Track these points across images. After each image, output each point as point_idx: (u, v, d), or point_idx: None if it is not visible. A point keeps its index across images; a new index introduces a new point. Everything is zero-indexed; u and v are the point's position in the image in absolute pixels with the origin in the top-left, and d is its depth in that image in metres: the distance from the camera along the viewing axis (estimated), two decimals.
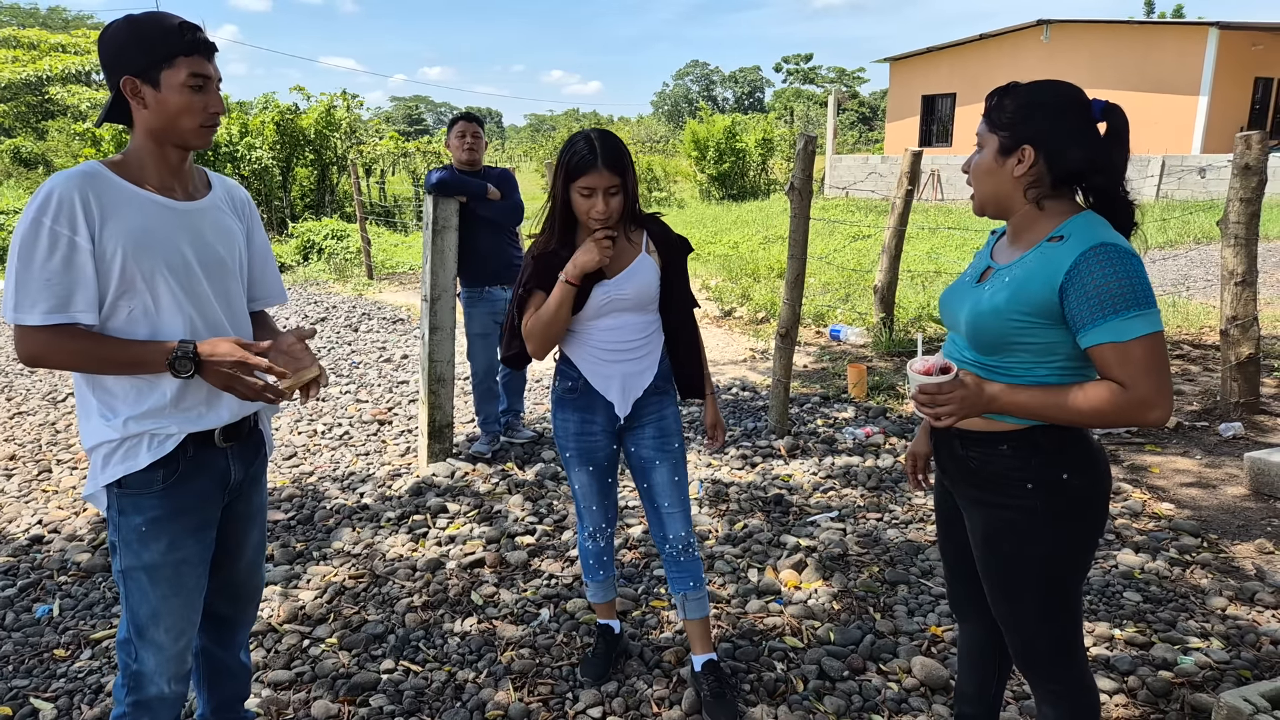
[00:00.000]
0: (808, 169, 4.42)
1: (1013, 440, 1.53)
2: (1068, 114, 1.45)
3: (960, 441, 1.61)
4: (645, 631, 2.72)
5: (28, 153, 25.17)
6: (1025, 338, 1.47)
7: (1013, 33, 19.06)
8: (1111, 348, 1.39)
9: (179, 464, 1.68)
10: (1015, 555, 1.57)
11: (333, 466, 4.37)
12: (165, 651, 1.73)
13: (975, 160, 1.54)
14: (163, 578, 1.69)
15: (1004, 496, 1.56)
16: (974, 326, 1.53)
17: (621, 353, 2.18)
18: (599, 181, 1.99)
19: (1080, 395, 1.42)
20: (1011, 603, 1.62)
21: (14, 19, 32.06)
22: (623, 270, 2.14)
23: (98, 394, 1.65)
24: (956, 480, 1.66)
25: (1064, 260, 1.41)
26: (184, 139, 1.64)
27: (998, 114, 1.49)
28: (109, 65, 1.60)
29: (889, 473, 4.00)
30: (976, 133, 1.55)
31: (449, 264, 4.11)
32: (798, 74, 69.85)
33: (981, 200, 1.56)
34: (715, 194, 21.45)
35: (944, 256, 10.86)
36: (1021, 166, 1.47)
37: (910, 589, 2.93)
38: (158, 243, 1.62)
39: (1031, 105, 1.46)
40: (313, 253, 13.04)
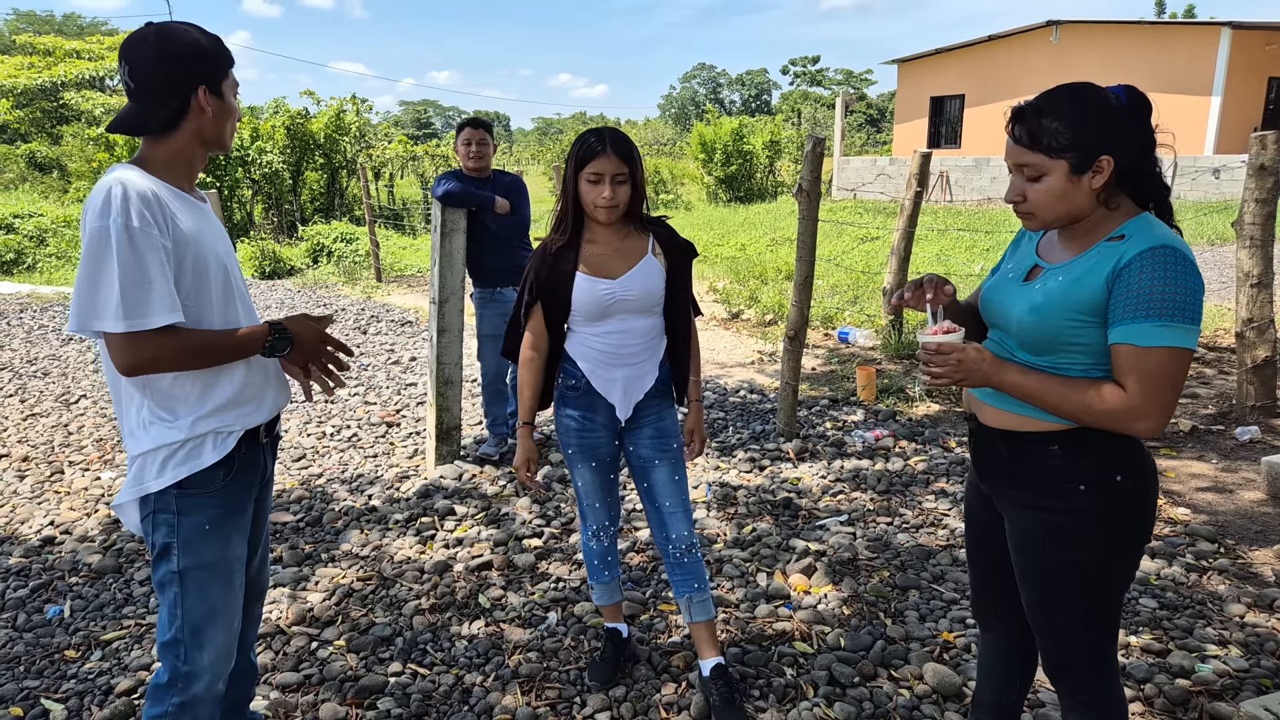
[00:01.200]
0: (816, 171, 4.40)
1: (1064, 440, 1.49)
2: (1115, 112, 1.41)
3: (1006, 443, 1.56)
4: (653, 635, 2.70)
5: (43, 158, 25.39)
6: (1078, 338, 1.44)
7: (1022, 34, 18.96)
8: (1131, 349, 1.36)
9: (235, 461, 1.71)
10: (1062, 560, 1.53)
11: (341, 468, 4.37)
12: (221, 649, 1.75)
13: (1038, 189, 1.45)
14: (220, 575, 1.72)
15: (1053, 499, 1.51)
16: (1026, 326, 1.49)
17: (625, 355, 2.18)
18: (606, 166, 2.03)
19: (1081, 387, 1.41)
20: (1051, 610, 1.58)
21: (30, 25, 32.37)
22: (629, 270, 2.13)
23: (153, 397, 1.64)
24: (999, 483, 1.62)
25: (1122, 256, 1.38)
26: (226, 143, 1.73)
27: (1051, 138, 1.41)
28: (178, 76, 1.61)
29: (899, 476, 3.97)
30: (1023, 163, 1.46)
31: (457, 267, 4.11)
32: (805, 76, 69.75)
33: (1051, 220, 1.48)
34: (722, 196, 21.43)
35: (953, 258, 10.81)
36: (1100, 177, 1.42)
37: (922, 594, 2.90)
38: (207, 241, 1.68)
39: (1085, 117, 1.41)
40: (322, 255, 13.08)
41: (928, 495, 3.75)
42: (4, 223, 13.45)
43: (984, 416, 1.62)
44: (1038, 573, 1.57)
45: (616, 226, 2.15)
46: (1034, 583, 1.59)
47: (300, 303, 9.74)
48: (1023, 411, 1.52)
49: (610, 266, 2.13)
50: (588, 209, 2.09)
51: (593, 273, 2.13)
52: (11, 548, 3.48)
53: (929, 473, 4.00)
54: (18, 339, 7.72)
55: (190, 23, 1.67)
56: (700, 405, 2.36)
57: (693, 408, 2.35)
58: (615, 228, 2.15)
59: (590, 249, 2.15)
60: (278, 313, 9.06)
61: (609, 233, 2.15)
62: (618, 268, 2.13)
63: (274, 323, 1.70)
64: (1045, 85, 1.48)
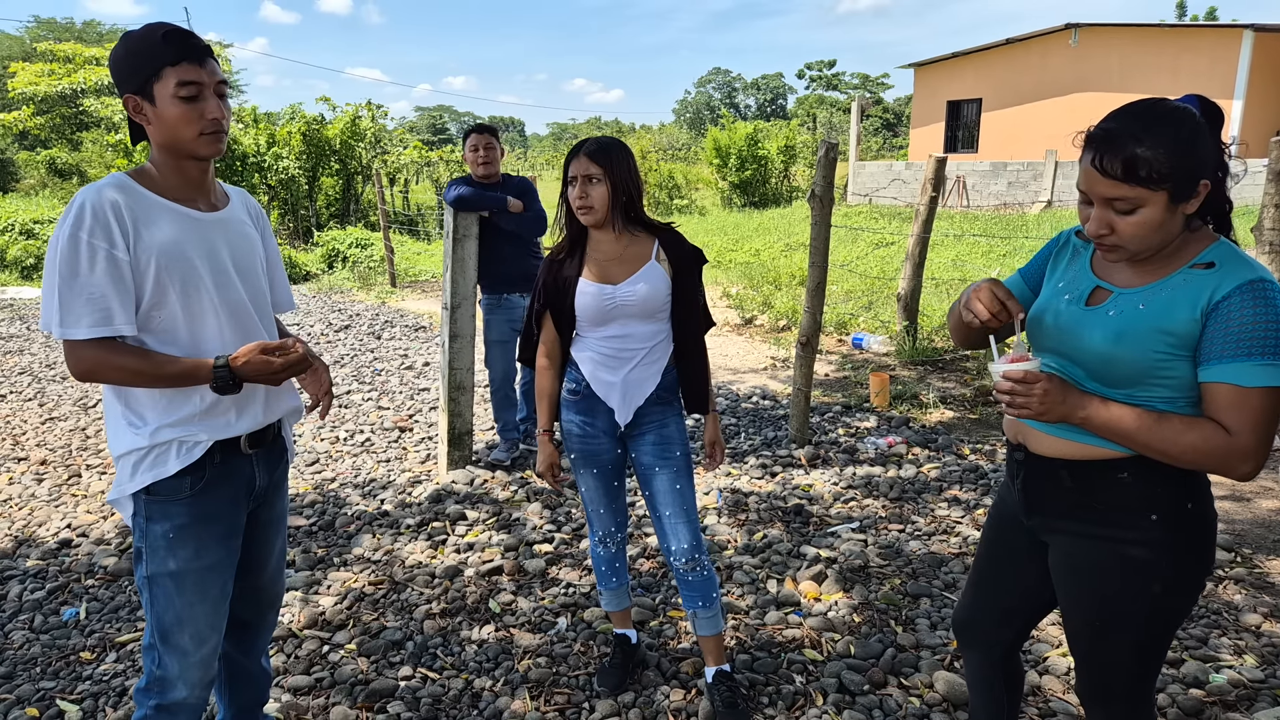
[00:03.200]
0: (829, 176, 4.40)
1: (1133, 467, 1.41)
2: (1204, 133, 1.32)
3: (1069, 473, 1.48)
4: (663, 641, 2.70)
5: (63, 163, 25.76)
6: (1164, 370, 1.36)
7: (1040, 37, 18.84)
8: (1232, 389, 1.29)
9: (206, 471, 1.70)
10: (1126, 593, 1.46)
11: (354, 473, 4.40)
12: (190, 658, 1.73)
13: (1132, 222, 1.32)
14: (188, 584, 1.70)
15: (1121, 529, 1.44)
16: (1105, 356, 1.39)
17: (625, 360, 2.18)
18: (578, 168, 2.10)
19: (1181, 428, 1.32)
20: (1102, 642, 1.51)
21: (50, 33, 32.86)
22: (630, 276, 2.14)
23: (126, 403, 1.66)
24: (1056, 514, 1.53)
25: (1216, 288, 1.31)
26: (188, 150, 1.62)
27: (1149, 169, 1.28)
28: (118, 86, 1.62)
29: (911, 483, 3.95)
30: (1115, 197, 1.32)
31: (469, 272, 4.13)
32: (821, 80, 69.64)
33: (1142, 251, 1.37)
34: (737, 201, 21.41)
35: (969, 264, 10.74)
36: (1196, 201, 1.33)
37: (933, 602, 2.88)
38: (188, 253, 1.63)
39: (1183, 143, 1.29)
40: (337, 261, 13.19)
41: (940, 503, 3.72)
42: (25, 228, 13.66)
43: (1037, 445, 1.53)
44: (1098, 604, 1.49)
45: (618, 233, 2.16)
46: (1086, 614, 1.52)
47: (315, 308, 9.82)
48: (1086, 440, 1.44)
49: (612, 272, 2.15)
50: (576, 215, 2.13)
51: (595, 278, 2.14)
52: (29, 550, 3.53)
53: (942, 480, 3.98)
54: (37, 343, 7.83)
55: (155, 24, 1.60)
56: (716, 415, 2.36)
57: (710, 419, 2.35)
58: (616, 234, 2.16)
59: (593, 255, 2.17)
60: (293, 318, 9.14)
61: (610, 239, 2.16)
62: (619, 273, 2.15)
63: (217, 361, 1.63)
64: (1064, 89, 1.43)
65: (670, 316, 2.21)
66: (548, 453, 2.28)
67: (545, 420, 2.28)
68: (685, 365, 2.27)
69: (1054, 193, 17.20)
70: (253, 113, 19.52)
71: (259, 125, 17.41)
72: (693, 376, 2.28)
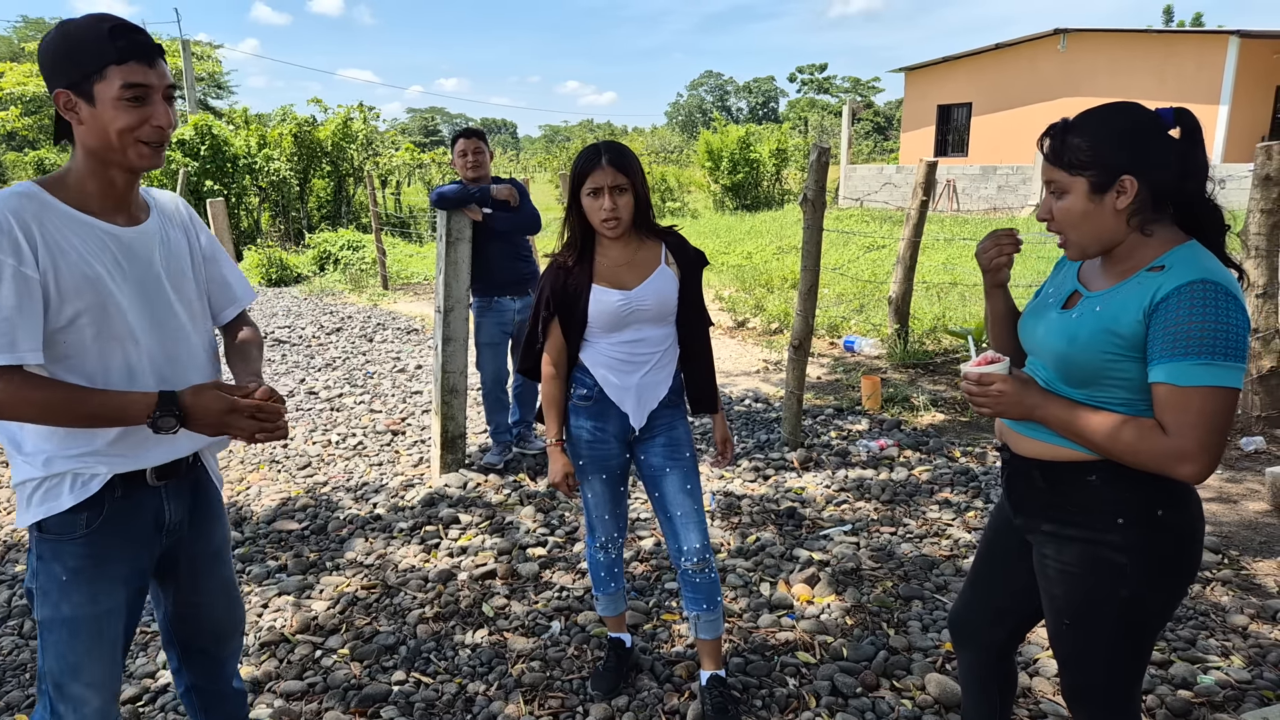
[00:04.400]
0: (821, 180, 4.42)
1: (1102, 470, 1.44)
2: (1148, 132, 1.37)
3: (1041, 473, 1.52)
4: (656, 645, 2.71)
5: (50, 165, 25.59)
6: (1116, 372, 1.39)
7: (1029, 42, 18.98)
8: (1169, 389, 1.31)
9: (104, 506, 1.51)
10: (1095, 595, 1.48)
11: (346, 476, 4.39)
12: (86, 707, 1.55)
13: (1060, 207, 1.43)
14: (85, 631, 1.52)
15: (1090, 531, 1.46)
16: (1065, 358, 1.44)
17: (639, 364, 2.19)
18: (603, 179, 2.04)
19: (1121, 426, 1.35)
20: (1079, 642, 1.53)
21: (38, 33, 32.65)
22: (643, 281, 2.15)
23: (23, 428, 1.48)
24: (1033, 514, 1.57)
25: (1159, 289, 1.33)
26: (123, 160, 1.45)
27: (1072, 154, 1.39)
28: (47, 80, 1.43)
29: (903, 486, 3.97)
30: (1047, 179, 1.45)
31: (463, 276, 4.13)
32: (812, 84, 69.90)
33: (1082, 244, 1.44)
34: (729, 204, 21.46)
35: (959, 267, 10.80)
36: (1124, 198, 1.37)
37: (925, 604, 2.90)
38: (102, 273, 1.45)
39: (1112, 135, 1.37)
40: (329, 263, 13.15)
41: (932, 505, 3.75)
42: None
43: (1017, 446, 1.57)
44: (1070, 607, 1.52)
45: (627, 238, 2.16)
46: (1063, 616, 1.54)
47: (307, 310, 9.79)
48: (1058, 441, 1.47)
49: (624, 278, 2.15)
50: (593, 224, 2.11)
51: (607, 285, 2.14)
52: (17, 555, 3.50)
53: (933, 482, 4.00)
54: None
55: (99, 14, 1.43)
56: (724, 415, 2.37)
57: (718, 418, 2.37)
58: (626, 239, 2.16)
59: (603, 261, 2.16)
60: (284, 320, 9.11)
61: (619, 244, 2.17)
62: (631, 279, 2.15)
63: (164, 397, 1.45)
64: (1053, 93, 1.47)
65: (677, 319, 2.22)
66: (561, 463, 2.26)
67: (555, 430, 2.26)
68: (693, 366, 2.29)
69: (1043, 196, 17.30)
70: (244, 114, 19.45)
71: (250, 127, 17.35)
72: (700, 377, 2.30)
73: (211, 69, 30.22)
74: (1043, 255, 10.85)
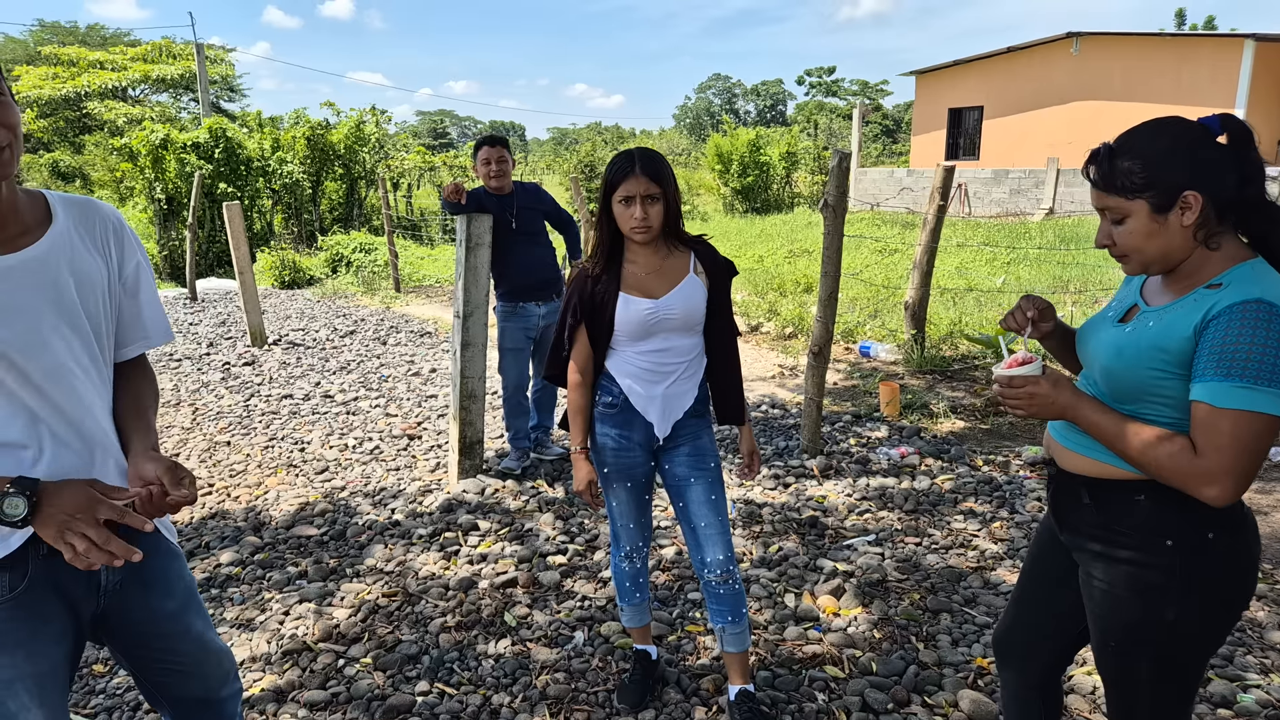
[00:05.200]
0: (842, 186, 4.38)
1: (1150, 490, 1.40)
2: (1199, 144, 1.34)
3: (1088, 491, 1.48)
4: (681, 657, 2.68)
5: (65, 166, 25.78)
6: (1161, 389, 1.36)
7: (1042, 45, 18.90)
8: (1206, 409, 1.28)
9: (29, 565, 1.31)
10: (1140, 618, 1.44)
11: (364, 481, 4.37)
12: None
13: (1122, 232, 1.39)
14: (19, 692, 1.33)
15: (1137, 552, 1.43)
16: (1111, 372, 1.42)
17: (665, 374, 2.17)
18: (635, 188, 2.02)
19: (1154, 440, 1.32)
20: (1124, 665, 1.50)
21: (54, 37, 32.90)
22: (672, 290, 2.12)
23: None
24: (1079, 532, 1.53)
25: (1213, 306, 1.30)
26: None
27: (1126, 178, 1.36)
28: None
29: (926, 495, 3.92)
30: (1101, 207, 1.42)
31: (482, 281, 4.11)
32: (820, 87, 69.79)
33: (1146, 262, 1.41)
34: (739, 207, 21.43)
35: (973, 271, 10.74)
36: (1190, 214, 1.33)
37: (953, 618, 2.86)
38: None
39: (1164, 152, 1.34)
40: (341, 265, 13.18)
41: (956, 515, 3.70)
42: None
43: (1063, 461, 1.54)
44: (1114, 627, 1.49)
45: (656, 246, 2.14)
46: (1109, 636, 1.50)
47: (320, 312, 9.80)
48: (1106, 459, 1.44)
49: (651, 286, 2.13)
50: (624, 231, 2.09)
51: (634, 293, 2.12)
52: None
53: (956, 492, 3.96)
54: None
55: None
56: (750, 425, 2.34)
57: (745, 430, 2.34)
58: (655, 247, 2.14)
59: (631, 269, 2.14)
60: (298, 323, 9.11)
61: (648, 252, 2.14)
62: (659, 287, 2.13)
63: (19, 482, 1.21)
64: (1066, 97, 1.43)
65: (705, 328, 2.20)
66: (585, 470, 2.23)
67: (580, 437, 2.23)
68: (721, 376, 2.26)
69: (1056, 200, 17.22)
70: (257, 117, 19.52)
71: (263, 130, 17.42)
72: (728, 387, 2.27)
73: (224, 72, 30.39)
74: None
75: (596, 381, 2.24)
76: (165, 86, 29.08)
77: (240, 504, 4.15)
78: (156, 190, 14.54)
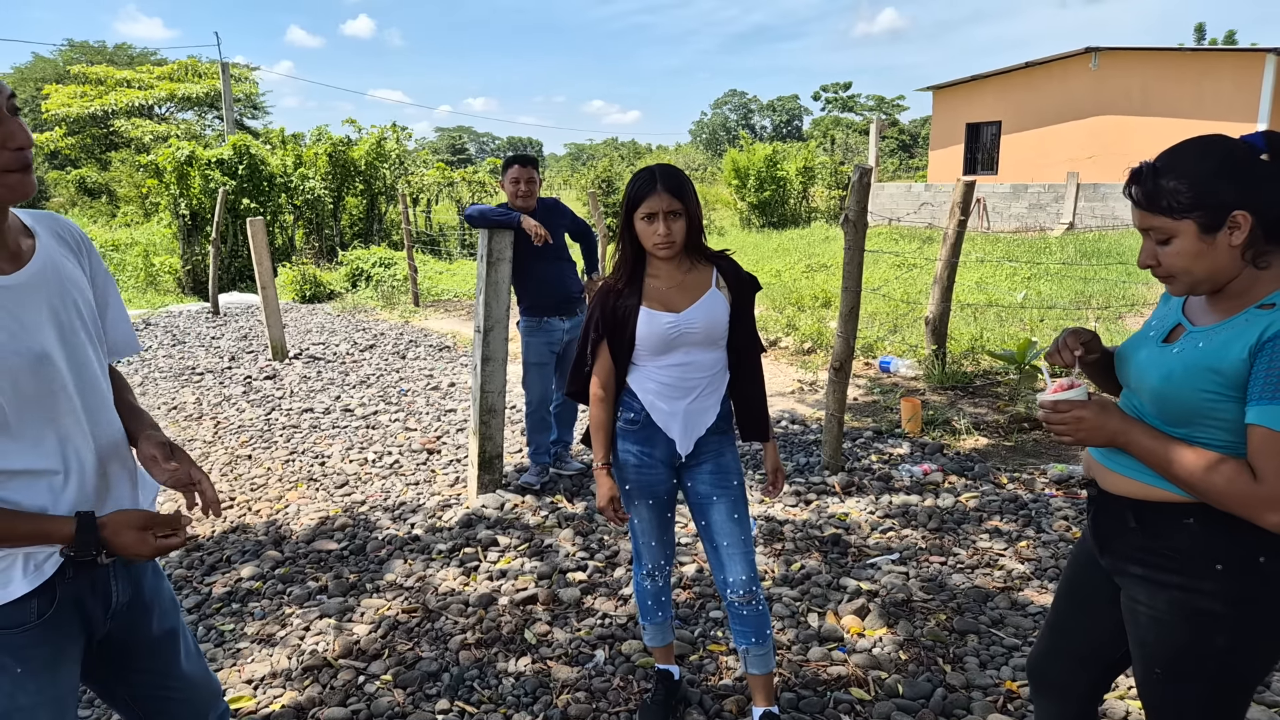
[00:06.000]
0: (863, 201, 4.36)
1: (1200, 513, 1.37)
2: (1246, 162, 1.32)
3: (1133, 513, 1.45)
4: (704, 677, 2.64)
5: (92, 183, 26.25)
6: (1215, 411, 1.33)
7: (1060, 60, 18.82)
8: (1264, 433, 1.25)
9: (56, 591, 1.34)
10: (1188, 645, 1.41)
11: (384, 495, 4.38)
12: None
13: (1168, 252, 1.37)
14: (44, 716, 1.35)
15: (1185, 577, 1.39)
16: (1161, 395, 1.39)
17: (687, 389, 2.15)
18: (658, 204, 2.02)
19: (1206, 463, 1.30)
20: (1165, 691, 1.46)
21: (83, 56, 33.58)
22: (693, 304, 2.11)
23: None
24: (1122, 555, 1.50)
25: (1268, 328, 1.28)
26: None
27: (1171, 197, 1.33)
28: None
29: (950, 513, 3.87)
30: (1145, 227, 1.39)
31: (502, 296, 4.12)
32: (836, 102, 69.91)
33: (1194, 283, 1.38)
34: (755, 222, 21.43)
35: (993, 286, 10.66)
36: (1239, 233, 1.32)
37: (981, 639, 2.80)
38: (4, 339, 1.24)
39: (1210, 171, 1.32)
40: (361, 280, 13.28)
41: (981, 534, 3.65)
42: None
43: (1106, 483, 1.51)
44: (1160, 654, 1.45)
45: (678, 261, 2.14)
46: (1155, 663, 1.47)
47: (340, 326, 9.87)
48: (1152, 480, 1.41)
49: (673, 300, 2.12)
50: (647, 247, 2.09)
51: (656, 307, 2.11)
52: None
53: (981, 510, 3.90)
54: None
55: None
56: (775, 443, 2.32)
57: (769, 447, 2.32)
58: (677, 262, 2.14)
59: (653, 284, 2.14)
60: (318, 337, 9.18)
61: (671, 267, 2.14)
62: (681, 301, 2.12)
63: (81, 521, 1.29)
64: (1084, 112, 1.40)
65: (728, 344, 2.18)
66: (608, 486, 2.21)
67: (603, 453, 2.22)
68: (744, 393, 2.24)
69: (1076, 215, 17.09)
70: (280, 134, 19.80)
71: (286, 146, 17.66)
72: (752, 404, 2.26)
73: (248, 90, 30.88)
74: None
75: (618, 397, 2.23)
76: (191, 104, 29.57)
77: (261, 518, 4.16)
78: (181, 206, 14.75)
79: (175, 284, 14.91)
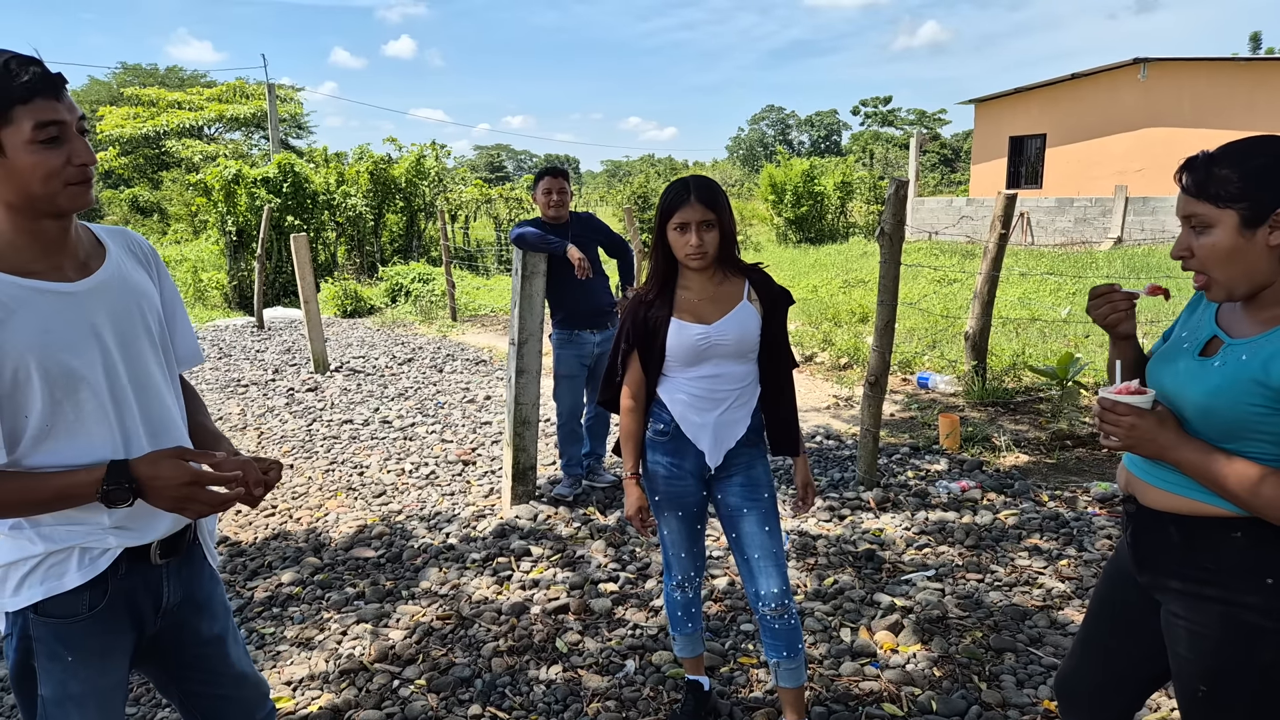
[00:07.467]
0: (899, 214, 4.34)
1: (1248, 527, 1.34)
2: None
3: (1177, 528, 1.42)
4: (734, 689, 2.63)
5: (144, 201, 27.19)
6: (1265, 425, 1.30)
7: (1107, 71, 18.50)
8: None
9: (108, 586, 1.38)
10: (1234, 661, 1.38)
11: (420, 505, 4.44)
12: None
13: (1204, 244, 1.35)
14: (94, 705, 1.40)
15: (1231, 592, 1.36)
16: (1205, 410, 1.36)
17: (717, 401, 2.16)
18: (691, 215, 2.04)
19: (1258, 477, 1.27)
20: (1209, 710, 1.42)
21: (136, 78, 34.89)
22: (724, 316, 2.13)
23: None
24: (1162, 571, 1.46)
25: None
26: (54, 206, 1.29)
27: (1220, 186, 1.31)
28: None
29: (988, 530, 3.80)
30: (1186, 214, 1.37)
31: (536, 309, 4.18)
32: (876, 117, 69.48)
33: (1230, 284, 1.35)
34: (792, 237, 21.35)
35: (1037, 301, 10.47)
36: (1279, 234, 1.30)
37: (1018, 657, 2.75)
38: (60, 343, 1.30)
39: (1265, 167, 1.29)
40: (400, 295, 13.52)
41: (1020, 552, 3.58)
42: None
43: (1147, 498, 1.48)
44: (1204, 670, 1.41)
45: (710, 272, 2.15)
46: (1199, 680, 1.43)
47: (380, 340, 10.06)
48: (1196, 495, 1.38)
49: (704, 312, 2.14)
50: (679, 258, 2.11)
51: (687, 318, 2.13)
52: None
53: (1020, 527, 3.82)
54: None
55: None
56: (806, 457, 2.31)
57: (800, 462, 2.31)
58: (709, 273, 2.15)
59: (684, 295, 2.16)
60: (358, 350, 9.36)
61: (702, 279, 2.15)
62: (712, 313, 2.13)
63: (113, 467, 1.29)
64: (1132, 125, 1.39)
65: (759, 357, 2.19)
66: (636, 496, 2.23)
67: (632, 463, 2.24)
68: (775, 406, 2.24)
69: (1124, 229, 16.72)
70: (323, 152, 20.32)
71: (329, 165, 18.11)
72: (783, 418, 2.25)
73: (293, 110, 31.75)
74: None
75: (649, 408, 2.24)
76: (238, 125, 30.50)
77: (301, 525, 4.25)
78: (228, 223, 15.19)
79: (222, 299, 15.33)
